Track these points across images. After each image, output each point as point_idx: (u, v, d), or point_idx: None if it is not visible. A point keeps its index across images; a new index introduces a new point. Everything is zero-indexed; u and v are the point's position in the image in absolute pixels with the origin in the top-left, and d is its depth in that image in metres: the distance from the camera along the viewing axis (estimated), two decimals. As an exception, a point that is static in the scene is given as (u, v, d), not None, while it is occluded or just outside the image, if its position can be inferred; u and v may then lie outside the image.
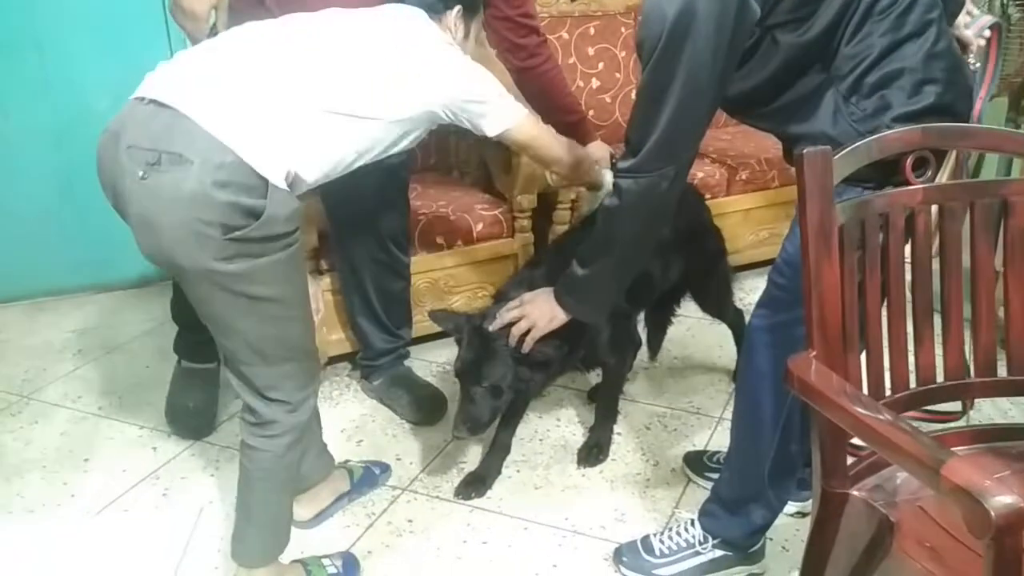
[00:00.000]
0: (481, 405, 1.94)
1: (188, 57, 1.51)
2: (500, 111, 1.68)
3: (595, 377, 2.37)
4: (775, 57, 1.44)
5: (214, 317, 1.50)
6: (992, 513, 0.87)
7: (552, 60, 2.30)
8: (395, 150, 1.66)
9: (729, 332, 2.57)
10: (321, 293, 1.93)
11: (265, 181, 1.38)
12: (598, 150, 2.24)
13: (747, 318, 2.46)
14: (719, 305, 2.49)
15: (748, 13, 1.36)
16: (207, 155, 1.35)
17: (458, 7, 1.75)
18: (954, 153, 1.48)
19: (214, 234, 1.36)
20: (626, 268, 1.75)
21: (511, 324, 1.88)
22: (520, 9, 2.20)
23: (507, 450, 2.16)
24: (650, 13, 1.40)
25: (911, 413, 1.44)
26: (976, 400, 2.18)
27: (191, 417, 2.33)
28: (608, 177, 2.02)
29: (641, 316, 2.44)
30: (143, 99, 1.42)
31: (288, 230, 1.45)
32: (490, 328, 1.91)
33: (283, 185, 1.41)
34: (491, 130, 1.69)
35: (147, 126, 1.39)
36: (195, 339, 2.30)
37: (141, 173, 1.36)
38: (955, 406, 1.49)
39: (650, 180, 1.52)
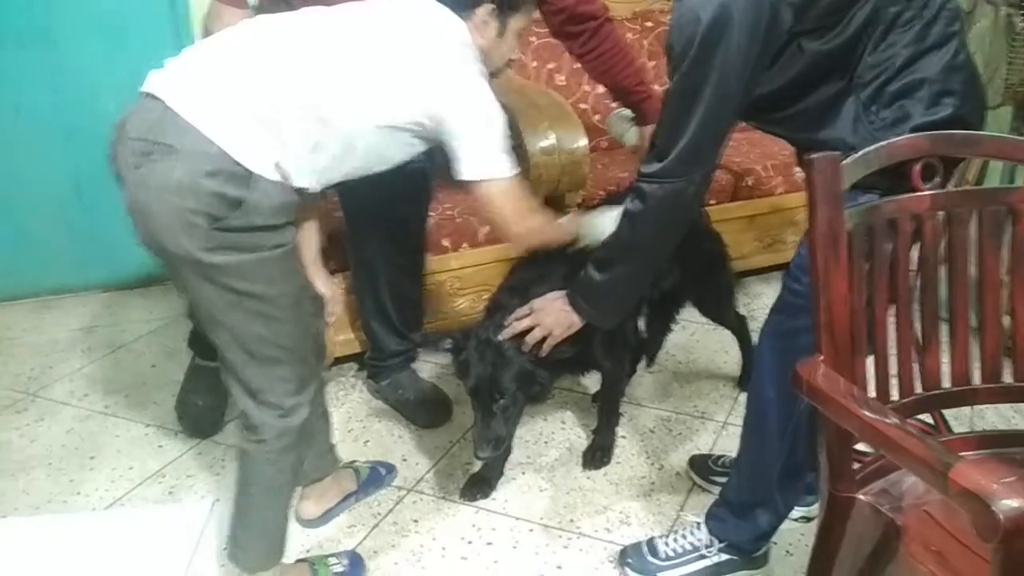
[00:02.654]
0: (502, 419, 1.89)
1: (190, 53, 1.53)
2: (478, 160, 1.57)
3: (599, 381, 2.38)
4: (798, 63, 1.44)
5: (202, 308, 1.51)
6: (1000, 517, 0.87)
7: (610, 42, 2.19)
8: (393, 158, 1.62)
9: (734, 337, 2.57)
10: (339, 296, 1.92)
11: (249, 172, 1.40)
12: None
13: (751, 323, 2.50)
14: (719, 310, 2.48)
15: (780, 21, 1.37)
16: (195, 146, 1.38)
17: (489, 4, 1.64)
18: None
19: (201, 223, 1.38)
20: (644, 273, 1.75)
21: (523, 332, 1.85)
22: None
23: (510, 451, 2.17)
24: (682, 19, 1.40)
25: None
26: (980, 407, 2.20)
27: (200, 415, 2.34)
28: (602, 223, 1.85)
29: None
30: (144, 93, 1.46)
31: (274, 223, 1.45)
32: (500, 338, 1.87)
33: (271, 176, 1.42)
34: (459, 172, 1.58)
35: (144, 119, 1.42)
36: None
37: (135, 163, 1.40)
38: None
39: (676, 185, 1.52)
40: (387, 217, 2.25)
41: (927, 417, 1.90)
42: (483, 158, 1.57)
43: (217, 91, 1.43)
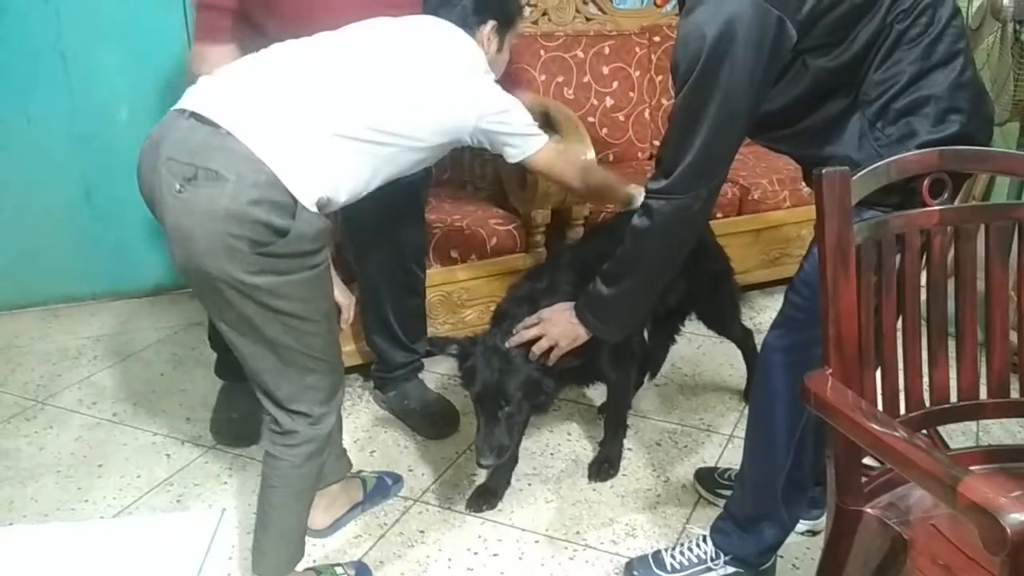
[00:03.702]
0: (506, 427, 1.89)
1: (230, 73, 1.53)
2: (524, 141, 1.75)
3: (604, 393, 2.38)
4: (803, 80, 1.45)
5: (241, 321, 1.50)
6: (1008, 530, 0.88)
7: None
8: (418, 168, 1.68)
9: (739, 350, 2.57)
10: (354, 303, 1.94)
11: (295, 201, 1.41)
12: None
13: (757, 338, 2.51)
14: (723, 324, 2.48)
15: (785, 38, 1.38)
16: (243, 173, 1.38)
17: (492, 22, 1.79)
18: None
19: (243, 248, 1.39)
20: (651, 288, 1.75)
21: (530, 341, 1.85)
22: None
23: (515, 461, 2.17)
24: (688, 35, 1.41)
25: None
26: (986, 421, 2.20)
27: (235, 426, 2.34)
28: (638, 197, 1.96)
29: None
30: (184, 111, 1.44)
31: (315, 248, 1.47)
32: (507, 345, 1.88)
33: (312, 207, 1.44)
34: (512, 157, 1.76)
35: (186, 140, 1.41)
36: (235, 360, 2.32)
37: (178, 187, 1.39)
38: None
39: (682, 202, 1.53)
40: (385, 234, 2.27)
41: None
42: (522, 141, 1.76)
43: (270, 116, 1.44)
